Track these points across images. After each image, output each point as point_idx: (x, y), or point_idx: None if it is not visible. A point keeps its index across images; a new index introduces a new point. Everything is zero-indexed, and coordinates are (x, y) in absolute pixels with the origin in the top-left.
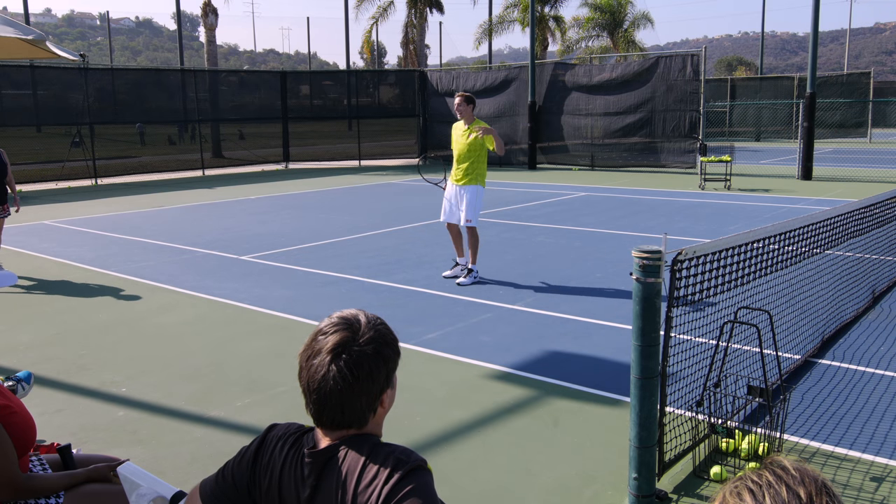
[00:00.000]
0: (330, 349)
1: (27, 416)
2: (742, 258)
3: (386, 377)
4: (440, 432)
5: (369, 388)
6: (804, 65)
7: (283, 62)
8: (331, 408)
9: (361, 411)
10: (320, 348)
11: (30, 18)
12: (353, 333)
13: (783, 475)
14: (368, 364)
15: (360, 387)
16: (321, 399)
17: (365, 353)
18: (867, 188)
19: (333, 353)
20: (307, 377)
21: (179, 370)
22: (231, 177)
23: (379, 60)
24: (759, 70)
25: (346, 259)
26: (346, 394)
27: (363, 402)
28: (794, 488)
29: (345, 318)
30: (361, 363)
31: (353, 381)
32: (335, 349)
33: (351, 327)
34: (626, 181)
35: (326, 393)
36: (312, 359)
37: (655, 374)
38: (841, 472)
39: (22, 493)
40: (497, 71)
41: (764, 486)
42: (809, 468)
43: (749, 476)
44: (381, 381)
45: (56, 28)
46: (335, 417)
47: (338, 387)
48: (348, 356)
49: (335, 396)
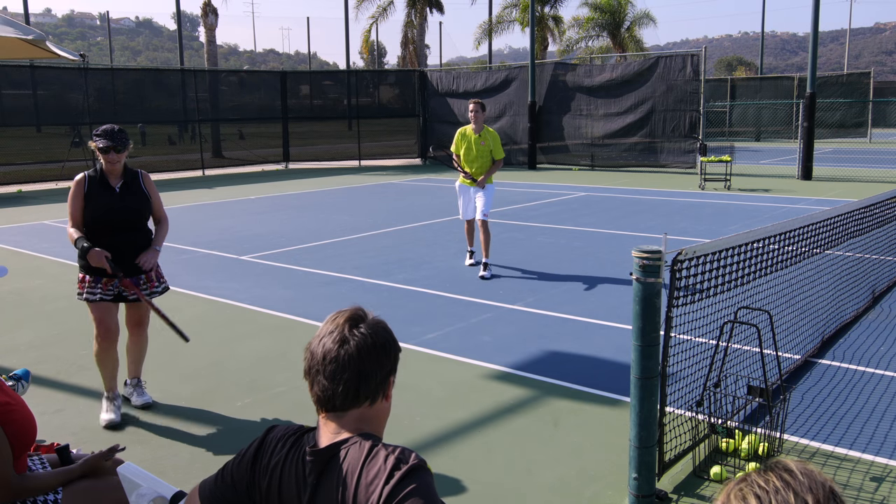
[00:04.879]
0: (346, 320)
1: (28, 413)
2: (742, 258)
3: (395, 360)
4: (440, 432)
5: (384, 362)
6: (804, 65)
7: (283, 62)
8: (347, 379)
9: (376, 386)
10: (336, 324)
11: (30, 18)
12: (363, 312)
13: (791, 481)
14: (384, 335)
15: (377, 355)
16: (336, 370)
17: (378, 327)
18: (867, 188)
19: (350, 322)
20: (321, 352)
21: (179, 370)
22: (231, 177)
23: (379, 60)
24: (759, 70)
25: (346, 259)
26: (364, 359)
27: (379, 375)
28: (802, 495)
29: (351, 308)
30: (377, 332)
31: (372, 347)
32: (351, 320)
33: (359, 310)
34: (626, 181)
35: (344, 360)
36: (328, 335)
37: (655, 374)
38: (841, 472)
39: (15, 493)
40: (497, 71)
41: (771, 491)
42: (816, 472)
43: (755, 480)
44: (392, 359)
45: (56, 28)
46: (348, 393)
47: (356, 351)
48: (365, 325)
49: (354, 363)
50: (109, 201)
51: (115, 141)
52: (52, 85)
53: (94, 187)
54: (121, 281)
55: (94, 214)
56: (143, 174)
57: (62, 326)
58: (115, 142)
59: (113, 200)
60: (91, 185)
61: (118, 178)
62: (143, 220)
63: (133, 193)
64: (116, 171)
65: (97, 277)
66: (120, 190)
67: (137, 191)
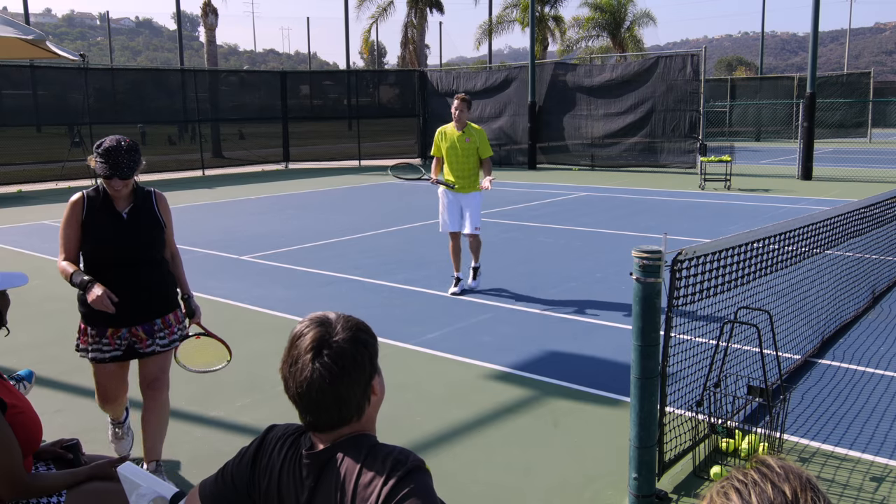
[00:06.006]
0: (309, 348)
1: (34, 415)
2: (742, 258)
3: (370, 362)
4: (440, 432)
5: (358, 378)
6: (804, 65)
7: (283, 62)
8: (326, 407)
9: (357, 403)
10: (299, 352)
11: (30, 18)
12: (327, 328)
13: (768, 473)
14: (351, 352)
15: (349, 378)
16: (313, 401)
17: (344, 343)
18: (867, 188)
19: (314, 350)
20: (294, 384)
21: (179, 370)
22: (231, 177)
23: (379, 60)
24: (759, 70)
25: (347, 259)
26: (338, 388)
27: (357, 392)
28: (778, 485)
29: (315, 318)
30: (344, 353)
31: (341, 373)
32: (314, 347)
33: (323, 324)
34: (626, 181)
35: (316, 392)
36: (294, 364)
37: (655, 374)
38: (841, 472)
39: (26, 493)
40: (497, 71)
41: (749, 484)
42: (794, 465)
43: (735, 475)
44: (367, 367)
45: (56, 28)
46: (332, 417)
47: (326, 382)
48: (329, 350)
49: (328, 394)
50: (114, 231)
51: (118, 169)
52: (52, 85)
53: (94, 213)
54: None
55: (94, 247)
56: (156, 195)
57: (62, 327)
58: (118, 170)
59: (119, 230)
60: (91, 209)
61: (126, 201)
62: (158, 252)
63: (145, 220)
64: (123, 195)
65: (101, 329)
66: (128, 216)
67: (150, 216)
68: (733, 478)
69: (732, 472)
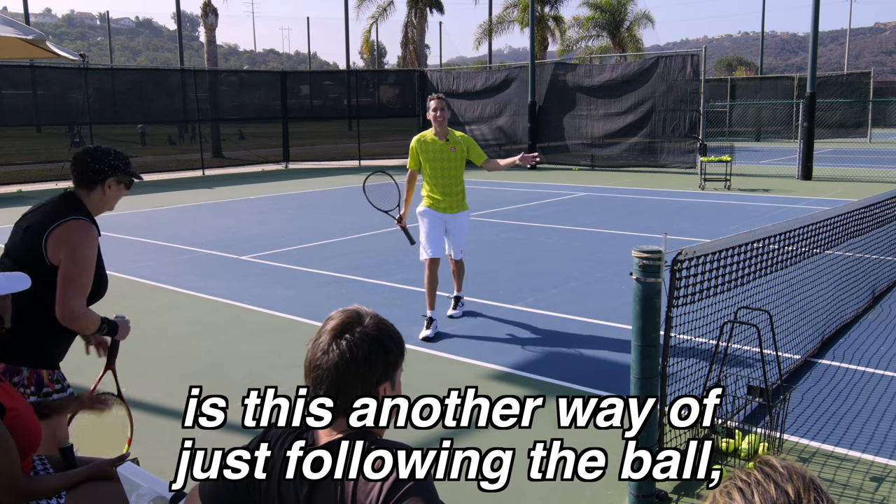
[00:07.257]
0: (333, 328)
1: (33, 417)
2: (742, 258)
3: (384, 369)
4: (440, 432)
5: (365, 375)
6: (804, 65)
7: (283, 62)
8: (326, 388)
9: (356, 398)
10: (325, 329)
11: (30, 18)
12: (358, 318)
13: (771, 473)
14: (368, 347)
15: (356, 370)
16: (319, 377)
17: (366, 337)
18: (867, 188)
19: (336, 332)
20: (310, 356)
21: (179, 370)
22: (231, 177)
23: (379, 60)
24: (759, 70)
25: (347, 259)
26: (342, 374)
27: (358, 389)
28: (782, 486)
29: (351, 308)
30: (361, 345)
31: (351, 362)
32: (338, 329)
33: (356, 313)
34: (626, 181)
35: (324, 370)
36: (317, 340)
37: (655, 374)
38: (841, 472)
39: (24, 496)
40: (497, 71)
41: (752, 484)
42: (797, 465)
43: (738, 475)
44: (379, 370)
45: (56, 28)
46: (330, 399)
47: (334, 364)
48: (350, 336)
49: (331, 375)
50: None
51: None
52: (52, 85)
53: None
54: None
55: (101, 281)
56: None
57: None
58: None
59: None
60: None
61: None
62: None
63: None
64: None
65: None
66: None
67: None
68: (736, 478)
69: (736, 472)
